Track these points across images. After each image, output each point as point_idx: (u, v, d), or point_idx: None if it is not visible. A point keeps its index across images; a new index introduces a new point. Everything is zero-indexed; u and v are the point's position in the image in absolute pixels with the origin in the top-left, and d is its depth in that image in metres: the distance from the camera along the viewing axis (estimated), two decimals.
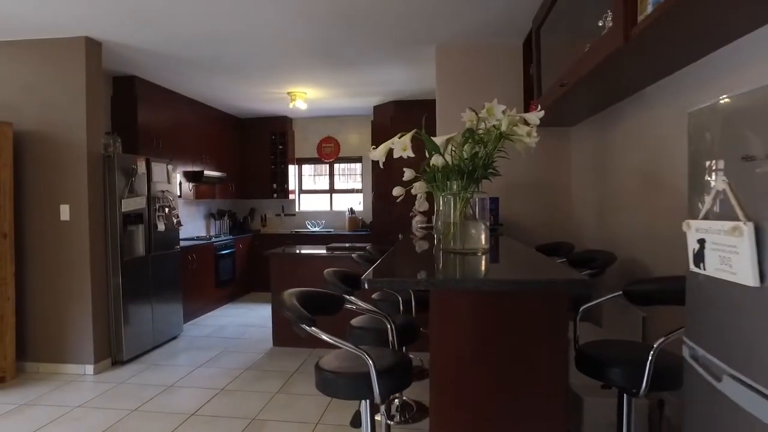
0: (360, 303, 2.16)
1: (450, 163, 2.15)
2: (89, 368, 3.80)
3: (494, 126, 2.08)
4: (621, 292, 1.90)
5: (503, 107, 2.01)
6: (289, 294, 1.77)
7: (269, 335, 4.76)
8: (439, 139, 2.28)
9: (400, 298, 2.63)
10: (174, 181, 4.74)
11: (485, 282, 1.55)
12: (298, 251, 4.53)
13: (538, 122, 2.07)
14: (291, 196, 7.20)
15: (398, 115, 6.18)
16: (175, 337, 4.73)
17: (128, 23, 3.52)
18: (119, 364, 4.00)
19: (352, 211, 7.07)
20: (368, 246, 4.14)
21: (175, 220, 4.67)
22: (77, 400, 3.28)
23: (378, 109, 6.44)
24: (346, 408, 3.09)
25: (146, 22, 3.51)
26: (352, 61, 4.56)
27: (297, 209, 7.42)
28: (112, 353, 4.00)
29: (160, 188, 4.50)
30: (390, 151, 2.07)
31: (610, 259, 2.62)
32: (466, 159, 2.16)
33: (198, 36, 3.80)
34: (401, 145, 1.94)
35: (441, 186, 2.81)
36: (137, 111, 4.83)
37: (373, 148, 2.10)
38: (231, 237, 6.32)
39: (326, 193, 7.49)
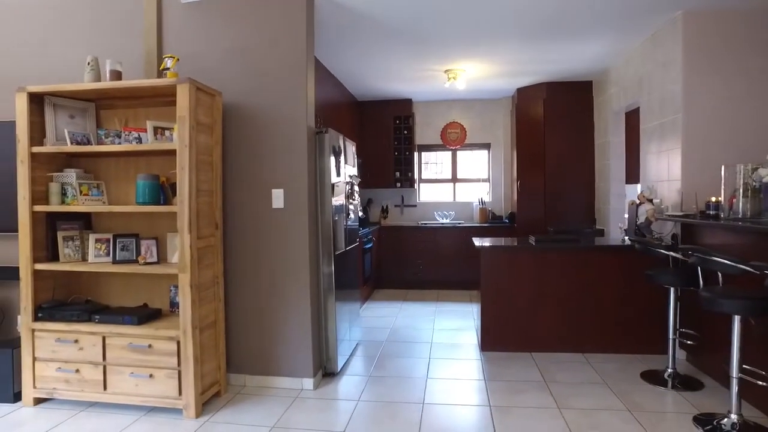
0: None
1: None
2: (307, 382, 3.22)
3: None
4: None
5: None
6: None
7: (457, 338, 4.29)
8: None
9: None
10: (357, 164, 4.16)
11: None
12: (511, 244, 3.98)
13: None
14: (414, 186, 6.63)
15: (551, 97, 5.66)
16: (358, 343, 4.17)
17: None
18: (330, 377, 3.44)
19: (482, 201, 6.52)
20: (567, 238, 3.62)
21: (359, 209, 4.10)
22: (333, 424, 2.71)
23: (524, 91, 5.90)
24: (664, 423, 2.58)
25: None
26: (554, 28, 3.99)
27: (418, 200, 6.85)
28: (322, 364, 3.44)
29: (350, 172, 3.92)
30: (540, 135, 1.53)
31: None
32: None
33: None
34: None
35: None
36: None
37: None
38: (368, 229, 5.73)
39: (448, 183, 6.93)
